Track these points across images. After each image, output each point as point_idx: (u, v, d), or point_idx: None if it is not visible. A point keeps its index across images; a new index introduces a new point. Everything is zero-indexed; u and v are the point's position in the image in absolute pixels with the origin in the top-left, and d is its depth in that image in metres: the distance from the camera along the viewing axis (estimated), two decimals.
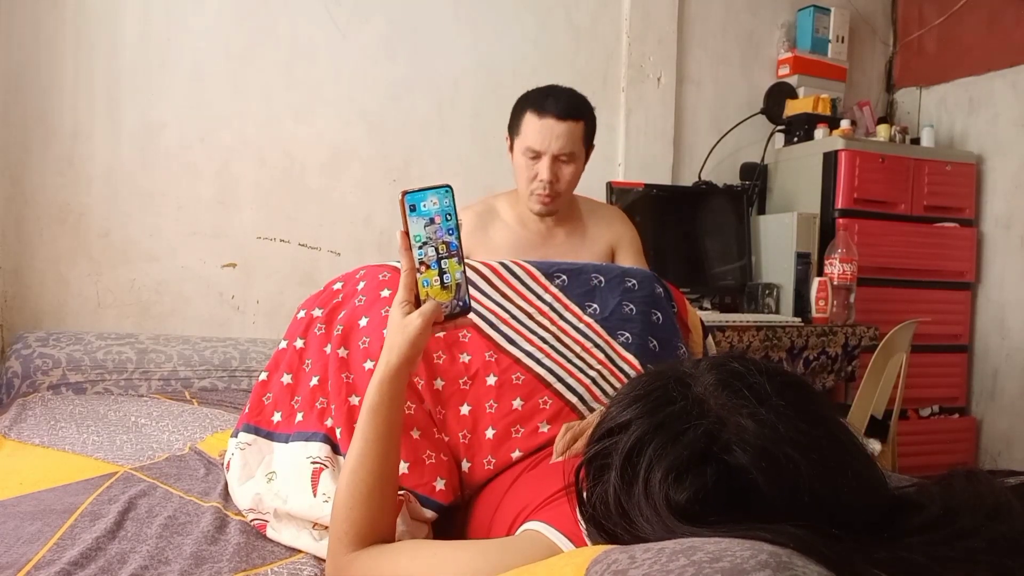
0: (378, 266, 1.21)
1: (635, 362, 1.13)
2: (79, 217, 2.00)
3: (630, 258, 1.73)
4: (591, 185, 2.40)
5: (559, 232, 1.69)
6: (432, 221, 0.79)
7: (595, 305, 1.18)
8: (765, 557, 0.41)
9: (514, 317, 1.14)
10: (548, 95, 1.58)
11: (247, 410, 1.13)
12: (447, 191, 0.79)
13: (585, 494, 0.63)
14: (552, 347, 1.12)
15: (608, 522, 0.59)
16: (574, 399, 1.07)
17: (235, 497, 1.07)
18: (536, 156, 1.57)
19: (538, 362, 1.09)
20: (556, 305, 1.17)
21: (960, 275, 2.61)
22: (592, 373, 1.11)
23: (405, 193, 0.78)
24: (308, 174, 2.20)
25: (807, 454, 0.53)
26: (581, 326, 1.16)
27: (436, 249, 0.79)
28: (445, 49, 2.33)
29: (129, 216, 2.03)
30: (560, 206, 1.64)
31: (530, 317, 1.15)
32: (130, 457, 1.24)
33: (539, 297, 1.18)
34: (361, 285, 1.18)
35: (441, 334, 1.04)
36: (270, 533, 1.00)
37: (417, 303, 0.80)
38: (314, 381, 1.09)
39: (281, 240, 2.17)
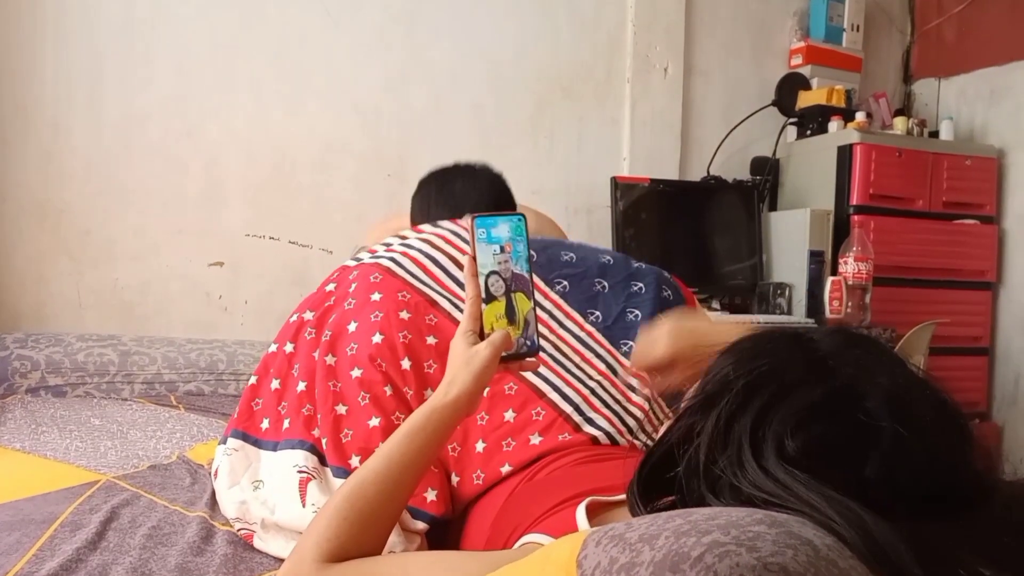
0: (371, 265, 1.15)
1: (640, 372, 1.08)
2: (59, 214, 1.95)
3: None
4: (595, 180, 2.40)
5: None
6: (502, 250, 0.76)
7: (597, 312, 1.14)
8: (760, 516, 0.44)
9: None
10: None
11: (236, 415, 1.09)
12: (520, 219, 0.77)
13: (674, 445, 0.60)
14: (550, 356, 1.07)
15: (694, 480, 0.56)
16: (569, 409, 1.03)
17: (222, 505, 1.03)
18: None
19: (533, 372, 1.04)
20: (556, 313, 1.13)
21: (981, 274, 2.54)
22: (592, 384, 1.06)
23: (475, 217, 0.75)
24: (299, 169, 2.15)
25: (941, 416, 0.53)
26: (582, 335, 1.11)
27: (505, 280, 0.76)
28: (442, 38, 2.27)
29: (112, 213, 1.99)
30: None
31: None
32: (113, 465, 1.23)
33: (538, 304, 1.13)
34: (353, 287, 1.13)
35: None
36: (257, 544, 0.96)
37: (482, 335, 0.76)
38: (301, 387, 1.06)
39: (271, 238, 2.13)
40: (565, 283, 1.16)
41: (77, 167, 1.95)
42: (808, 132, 2.53)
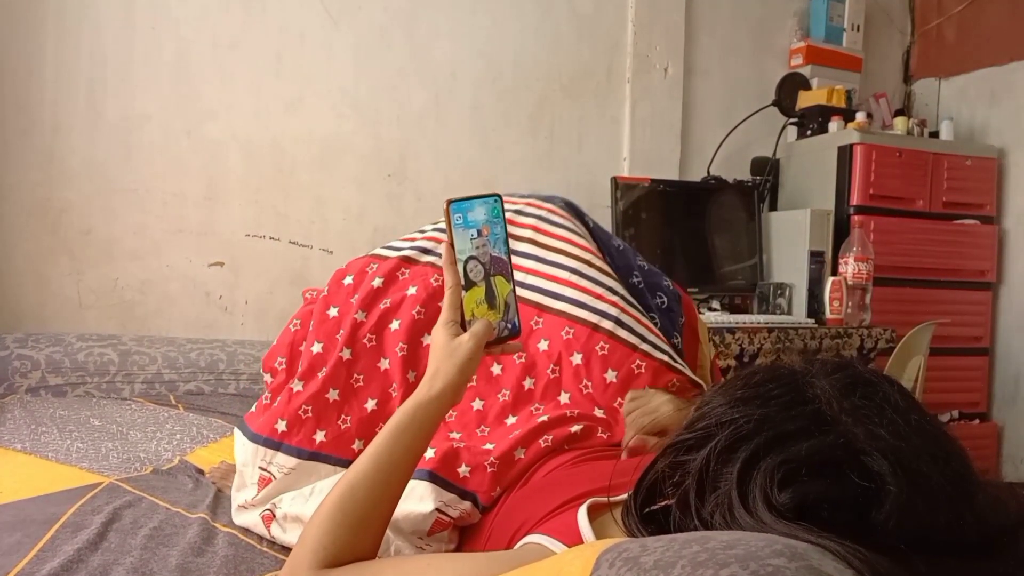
0: (425, 267, 1.11)
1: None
2: (60, 214, 1.94)
3: None
4: (596, 181, 2.39)
5: None
6: (480, 233, 0.74)
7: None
8: (780, 547, 0.42)
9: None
10: None
11: (287, 428, 1.00)
12: (496, 200, 0.75)
13: (662, 483, 0.59)
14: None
15: (688, 514, 0.55)
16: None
17: (240, 509, 1.01)
18: None
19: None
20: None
21: (981, 274, 2.53)
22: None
23: (450, 202, 0.73)
24: (299, 169, 2.13)
25: (944, 473, 0.50)
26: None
27: (483, 265, 0.74)
28: (443, 38, 2.26)
29: (112, 213, 1.98)
30: None
31: None
32: (116, 468, 1.24)
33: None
34: (412, 290, 1.07)
35: (494, 362, 1.00)
36: (274, 529, 0.96)
37: (463, 323, 0.74)
38: (371, 405, 1.01)
39: (271, 238, 2.11)
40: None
41: (78, 167, 1.94)
42: (808, 132, 2.52)
